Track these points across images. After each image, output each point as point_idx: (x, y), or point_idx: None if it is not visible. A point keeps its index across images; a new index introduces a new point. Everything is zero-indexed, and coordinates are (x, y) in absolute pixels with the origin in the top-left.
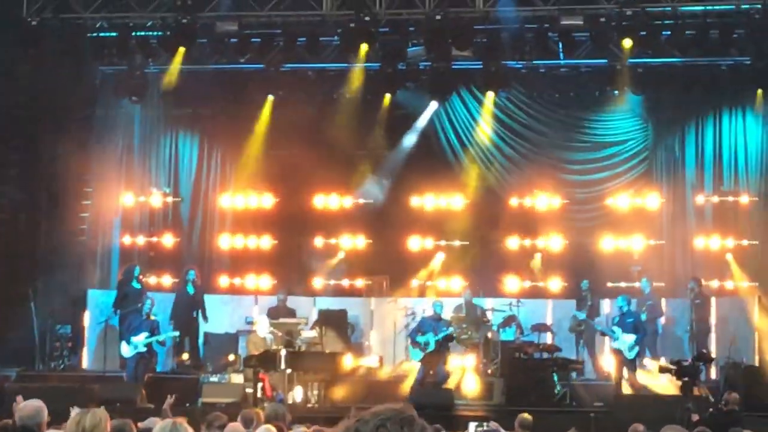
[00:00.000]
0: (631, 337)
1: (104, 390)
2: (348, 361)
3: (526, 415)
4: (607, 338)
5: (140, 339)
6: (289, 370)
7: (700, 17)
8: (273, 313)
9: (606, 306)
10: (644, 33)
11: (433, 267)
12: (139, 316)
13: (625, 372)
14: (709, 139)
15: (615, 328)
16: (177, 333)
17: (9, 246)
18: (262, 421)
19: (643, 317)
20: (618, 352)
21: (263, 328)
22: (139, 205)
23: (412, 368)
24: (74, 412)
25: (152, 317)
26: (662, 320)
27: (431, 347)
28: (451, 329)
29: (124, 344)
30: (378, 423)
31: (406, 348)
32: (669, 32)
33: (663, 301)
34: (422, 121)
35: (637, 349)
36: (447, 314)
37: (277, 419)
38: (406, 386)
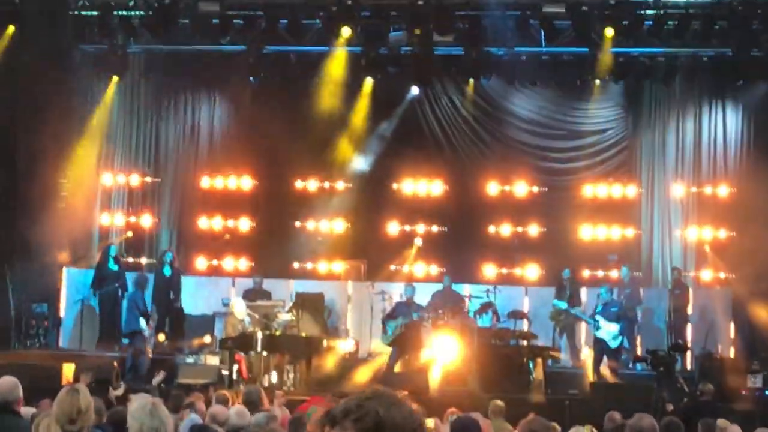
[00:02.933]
0: (614, 327)
1: (80, 369)
2: (324, 345)
3: (498, 402)
4: (585, 327)
5: None
6: (265, 353)
7: (682, 7)
8: (248, 296)
9: (584, 295)
10: (626, 22)
11: (411, 252)
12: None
13: (606, 361)
14: (689, 130)
15: (598, 317)
16: None
17: None
18: (235, 403)
19: (623, 306)
20: (600, 341)
21: (240, 309)
22: (117, 184)
23: (387, 352)
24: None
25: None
26: (640, 310)
27: (397, 331)
28: (417, 315)
29: (142, 320)
30: (357, 400)
31: (382, 332)
32: (651, 22)
33: (641, 291)
34: (403, 107)
35: (620, 338)
36: (423, 299)
37: (254, 403)
38: (380, 370)
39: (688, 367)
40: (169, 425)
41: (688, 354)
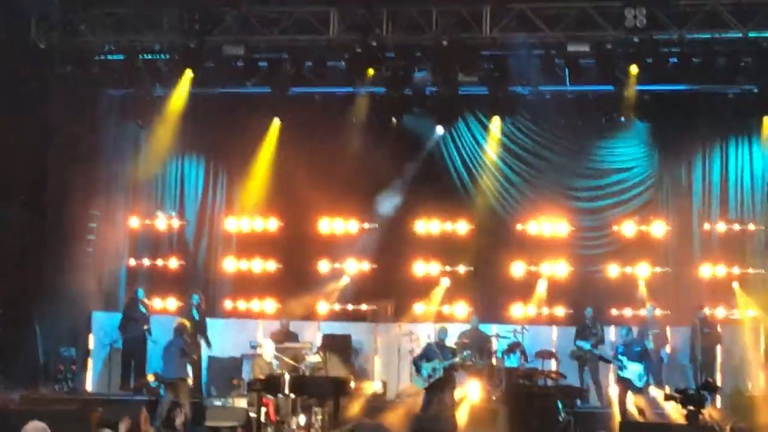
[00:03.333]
0: (638, 366)
1: (108, 413)
2: (352, 386)
3: None
4: (611, 366)
5: None
6: (292, 395)
7: (707, 45)
8: (275, 338)
9: (611, 334)
10: (651, 60)
11: (437, 292)
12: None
13: (632, 400)
14: (716, 167)
15: (621, 357)
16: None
17: (15, 268)
18: None
19: (649, 345)
20: (625, 380)
21: (269, 351)
22: (144, 227)
23: (416, 393)
24: None
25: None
26: (667, 349)
27: (438, 373)
28: (456, 359)
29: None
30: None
31: (411, 373)
32: (676, 59)
33: (668, 329)
34: (428, 147)
35: (645, 377)
36: (451, 340)
37: None
38: (410, 412)
39: (718, 405)
40: None
41: (719, 393)
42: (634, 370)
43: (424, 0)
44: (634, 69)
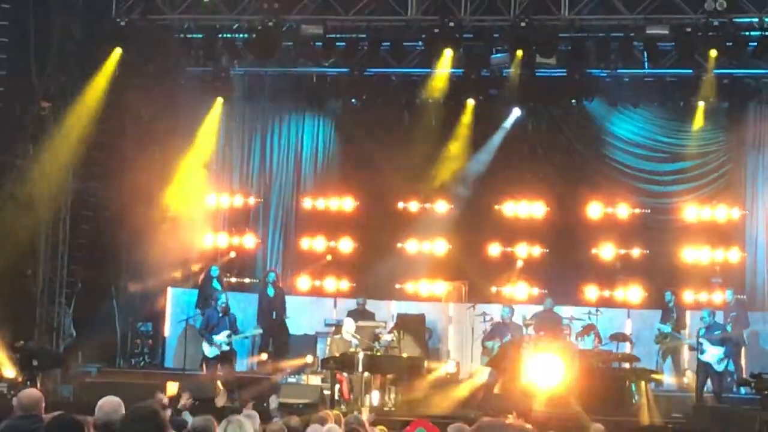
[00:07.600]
0: (719, 350)
1: (184, 388)
2: (425, 366)
3: (599, 426)
4: (687, 349)
5: (221, 337)
6: (366, 373)
7: None
8: (353, 317)
9: (688, 318)
10: (730, 43)
11: (512, 274)
12: (215, 314)
13: (711, 384)
14: None
15: (702, 341)
16: (261, 330)
17: (93, 243)
18: (333, 422)
19: (728, 329)
20: (705, 364)
21: (348, 329)
22: (221, 205)
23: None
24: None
25: (229, 314)
26: (747, 333)
27: (494, 352)
28: (509, 336)
29: (205, 344)
30: None
31: (482, 353)
32: (755, 43)
33: (747, 314)
34: (504, 129)
35: (726, 361)
36: (518, 318)
37: (357, 424)
38: (482, 392)
39: None
40: None
41: None
42: (714, 354)
43: None
44: (713, 52)
